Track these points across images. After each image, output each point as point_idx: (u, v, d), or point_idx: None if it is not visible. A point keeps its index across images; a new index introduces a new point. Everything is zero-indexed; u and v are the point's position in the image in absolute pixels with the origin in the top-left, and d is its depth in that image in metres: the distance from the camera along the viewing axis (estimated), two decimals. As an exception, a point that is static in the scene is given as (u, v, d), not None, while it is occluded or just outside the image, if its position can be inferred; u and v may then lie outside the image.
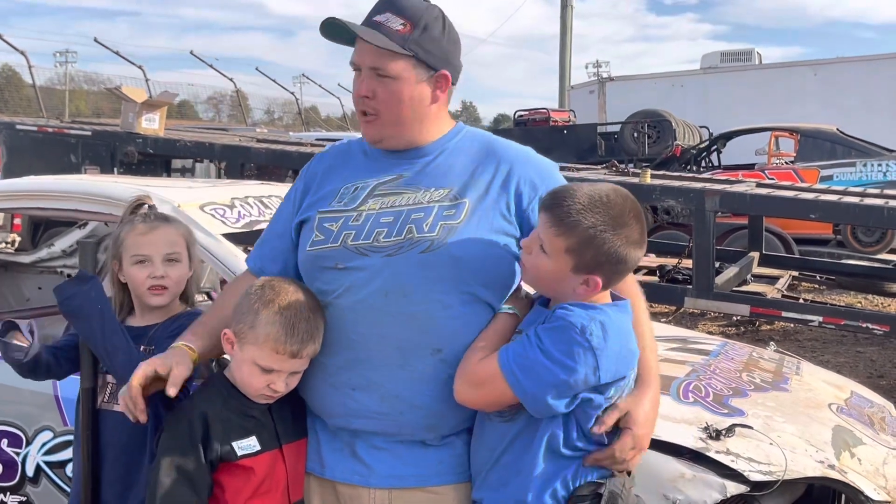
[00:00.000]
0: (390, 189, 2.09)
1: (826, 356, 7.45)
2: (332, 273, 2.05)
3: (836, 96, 18.96)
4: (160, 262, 2.39)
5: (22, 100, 27.56)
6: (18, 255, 5.61)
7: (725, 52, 24.61)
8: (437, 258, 1.99)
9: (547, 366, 1.86)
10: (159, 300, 2.40)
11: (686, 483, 2.29)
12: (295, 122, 30.09)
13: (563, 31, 26.47)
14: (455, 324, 2.00)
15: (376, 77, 2.03)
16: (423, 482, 2.06)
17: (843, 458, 2.54)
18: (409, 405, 2.01)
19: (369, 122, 2.08)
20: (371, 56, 2.02)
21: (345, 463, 2.08)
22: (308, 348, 2.00)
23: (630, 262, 1.94)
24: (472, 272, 2.01)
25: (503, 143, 2.19)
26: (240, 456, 2.01)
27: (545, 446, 1.93)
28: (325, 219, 2.09)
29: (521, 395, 1.89)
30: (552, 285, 1.97)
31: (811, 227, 11.06)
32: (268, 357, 1.99)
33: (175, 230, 2.46)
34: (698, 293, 6.86)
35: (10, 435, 2.99)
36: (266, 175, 9.60)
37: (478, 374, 1.95)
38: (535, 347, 1.88)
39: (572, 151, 14.43)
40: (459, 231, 2.01)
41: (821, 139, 13.28)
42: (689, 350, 3.32)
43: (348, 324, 2.02)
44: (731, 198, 7.05)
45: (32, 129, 10.47)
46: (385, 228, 2.03)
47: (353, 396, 2.02)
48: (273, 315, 1.98)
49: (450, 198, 2.05)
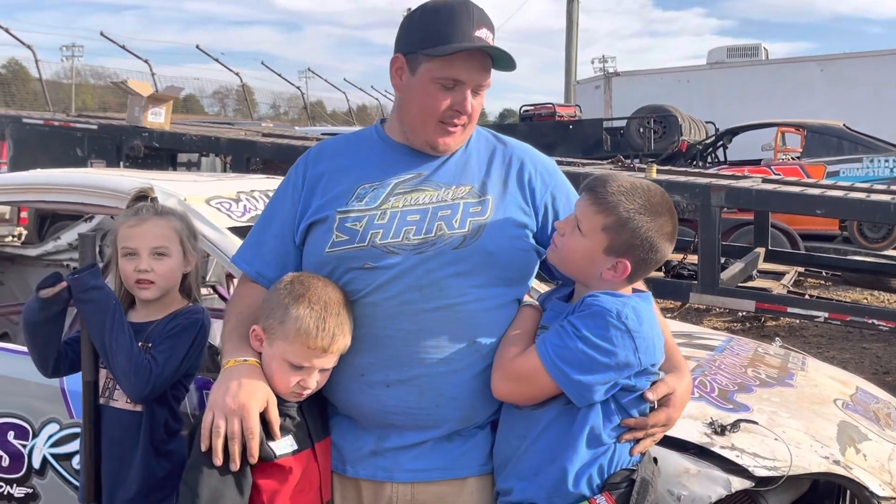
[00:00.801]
0: (411, 187, 2.10)
1: (831, 352, 7.44)
2: (358, 273, 2.05)
3: (843, 92, 18.92)
4: (147, 256, 2.36)
5: (28, 94, 27.61)
6: (25, 249, 5.63)
7: (732, 47, 24.58)
8: (469, 253, 2.04)
9: (588, 353, 1.91)
10: (146, 294, 2.38)
11: (691, 478, 2.28)
12: (301, 116, 30.09)
13: (570, 25, 26.43)
14: (489, 315, 2.06)
15: (475, 92, 2.07)
16: (444, 475, 2.07)
17: (848, 453, 2.53)
18: (447, 398, 2.03)
19: (456, 132, 2.10)
20: (482, 74, 2.06)
21: (368, 459, 2.09)
22: (338, 343, 1.99)
23: (660, 253, 2.01)
24: (503, 265, 2.08)
25: (507, 139, 2.26)
26: (278, 455, 1.98)
27: (586, 433, 1.96)
28: (346, 218, 2.07)
29: (565, 385, 1.93)
30: (581, 266, 2.01)
31: (817, 222, 11.06)
32: (298, 353, 1.97)
33: (166, 223, 2.42)
34: (703, 288, 6.85)
35: (17, 427, 2.99)
36: (271, 169, 9.58)
37: (516, 370, 1.99)
38: (573, 336, 1.93)
39: (578, 147, 14.44)
40: (488, 226, 2.07)
41: (827, 135, 13.26)
42: (695, 345, 3.32)
43: (380, 321, 2.03)
44: (736, 193, 7.04)
45: (39, 122, 10.51)
46: (413, 226, 2.05)
47: (388, 393, 2.03)
48: (303, 310, 1.97)
49: (473, 194, 2.10)
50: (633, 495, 1.97)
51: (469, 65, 2.03)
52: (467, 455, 2.09)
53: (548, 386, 1.96)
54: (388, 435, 2.07)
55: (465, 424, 2.07)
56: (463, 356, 2.03)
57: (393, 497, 2.07)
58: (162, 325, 2.37)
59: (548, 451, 1.98)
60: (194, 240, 2.50)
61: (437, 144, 2.10)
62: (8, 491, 3.01)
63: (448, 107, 2.05)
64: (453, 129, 2.08)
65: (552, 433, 1.99)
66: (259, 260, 2.19)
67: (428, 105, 2.06)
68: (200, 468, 1.92)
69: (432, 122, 2.07)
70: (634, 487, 1.98)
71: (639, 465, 2.02)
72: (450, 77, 2.03)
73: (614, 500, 1.96)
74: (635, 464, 2.02)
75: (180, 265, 2.43)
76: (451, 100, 2.04)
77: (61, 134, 10.26)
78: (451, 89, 2.04)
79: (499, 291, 2.08)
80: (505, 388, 2.02)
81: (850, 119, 14.30)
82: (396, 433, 2.06)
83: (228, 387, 1.96)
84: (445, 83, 2.03)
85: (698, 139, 15.15)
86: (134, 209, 2.48)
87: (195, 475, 1.92)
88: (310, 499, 2.04)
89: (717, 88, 20.89)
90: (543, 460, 1.98)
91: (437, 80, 2.04)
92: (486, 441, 2.11)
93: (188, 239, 2.46)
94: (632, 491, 1.97)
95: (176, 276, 2.42)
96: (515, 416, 2.05)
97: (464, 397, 2.04)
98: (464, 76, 2.03)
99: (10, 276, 5.46)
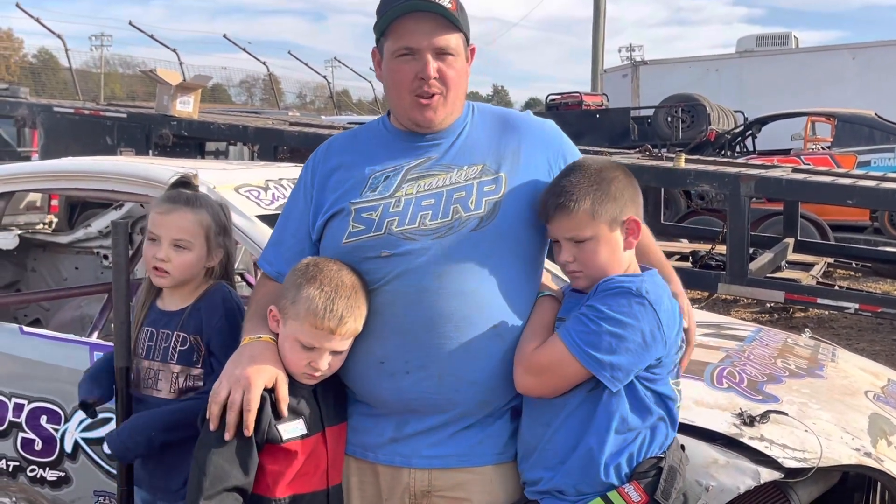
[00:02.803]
0: (422, 172, 2.10)
1: (861, 344, 7.35)
2: (376, 262, 2.05)
3: (874, 80, 18.65)
4: (167, 245, 2.35)
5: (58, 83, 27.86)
6: (56, 236, 5.70)
7: (762, 35, 24.33)
8: (487, 235, 2.04)
9: (614, 332, 1.92)
10: (160, 282, 2.38)
11: (719, 469, 2.27)
12: (327, 105, 30.14)
13: (597, 14, 26.21)
14: (510, 297, 2.06)
15: (437, 56, 2.03)
16: (463, 462, 2.07)
17: (879, 445, 2.50)
18: (467, 382, 2.03)
19: (433, 103, 2.07)
20: (434, 36, 2.02)
21: (387, 445, 2.10)
22: (347, 326, 2.00)
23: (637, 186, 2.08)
24: (521, 244, 2.09)
25: (509, 111, 2.27)
26: (286, 439, 2.00)
27: (612, 419, 1.96)
28: (362, 209, 2.08)
29: (596, 370, 1.93)
30: (608, 258, 2.03)
31: (847, 213, 10.93)
32: (307, 333, 2.00)
33: (193, 216, 2.39)
34: (732, 279, 6.81)
35: (49, 412, 3.04)
36: (299, 158, 9.62)
37: (540, 361, 1.99)
38: (596, 320, 1.93)
39: (605, 136, 14.34)
40: (503, 205, 2.06)
41: (858, 124, 13.09)
42: (723, 336, 3.29)
43: (399, 309, 2.03)
44: (766, 183, 6.98)
45: (69, 111, 10.61)
46: (429, 211, 2.05)
47: (408, 380, 2.03)
48: (314, 290, 1.99)
49: (486, 173, 2.09)
50: (661, 483, 1.97)
51: (417, 29, 2.02)
52: (485, 443, 2.09)
53: (573, 375, 1.96)
54: (408, 421, 2.07)
55: (485, 409, 2.07)
56: (482, 340, 2.03)
57: (410, 483, 2.08)
58: (194, 312, 2.37)
59: (573, 438, 1.98)
60: (224, 235, 2.47)
61: (419, 120, 2.10)
62: (41, 474, 3.06)
63: (413, 77, 2.04)
64: (426, 101, 2.06)
65: (577, 420, 1.98)
66: (280, 259, 2.21)
67: (396, 80, 2.07)
68: (209, 446, 1.96)
69: (407, 98, 2.07)
70: (662, 475, 1.97)
71: (666, 452, 2.01)
72: (401, 46, 2.03)
73: (643, 489, 1.96)
74: (663, 451, 2.01)
75: (201, 259, 2.40)
76: (414, 69, 2.03)
77: (91, 123, 10.35)
78: (413, 59, 2.03)
79: (516, 271, 2.08)
80: (529, 382, 2.01)
81: (882, 108, 14.10)
82: (416, 419, 2.07)
83: (240, 360, 2.02)
84: (402, 55, 2.04)
85: (727, 128, 15.01)
86: (170, 194, 2.47)
87: (204, 453, 1.96)
88: (313, 482, 2.06)
89: (747, 77, 20.67)
90: (569, 448, 1.98)
91: (395, 55, 2.05)
92: (504, 429, 2.10)
93: (215, 235, 2.42)
94: (659, 479, 1.97)
95: (193, 271, 2.40)
96: (539, 405, 2.04)
97: (483, 381, 2.04)
98: (413, 42, 2.02)
99: (42, 263, 5.53)
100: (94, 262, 5.52)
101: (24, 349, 3.15)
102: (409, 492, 2.08)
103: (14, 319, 4.83)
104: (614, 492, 1.96)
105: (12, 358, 3.14)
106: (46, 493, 3.05)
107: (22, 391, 3.08)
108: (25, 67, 40.57)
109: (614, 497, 1.96)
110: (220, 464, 1.94)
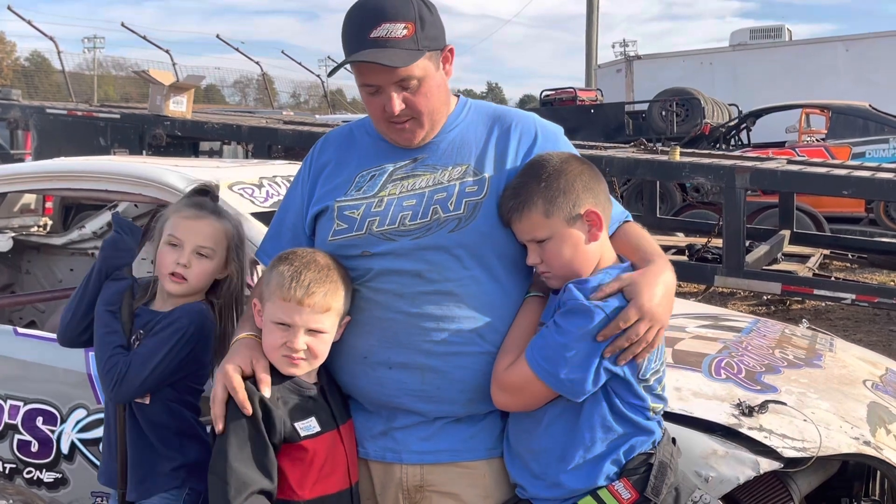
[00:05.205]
0: (408, 172, 2.10)
1: (858, 335, 7.36)
2: (359, 260, 2.07)
3: (868, 72, 18.69)
4: (189, 251, 2.32)
5: (51, 86, 27.80)
6: (50, 238, 5.67)
7: (755, 28, 24.34)
8: (465, 236, 2.03)
9: (571, 347, 1.88)
10: (175, 288, 2.33)
11: (719, 459, 2.27)
12: (321, 105, 30.10)
13: (590, 9, 26.20)
14: (489, 298, 2.05)
15: (402, 87, 1.99)
16: (455, 457, 2.07)
17: (878, 434, 2.50)
18: (450, 379, 2.02)
19: (407, 128, 2.05)
20: (393, 72, 1.96)
21: (378, 441, 2.10)
22: (315, 298, 1.97)
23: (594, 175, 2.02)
24: (502, 246, 2.06)
25: (507, 110, 2.22)
26: (303, 437, 1.98)
27: (594, 423, 1.95)
28: (344, 207, 2.09)
29: (555, 386, 1.91)
30: (572, 255, 1.99)
31: (843, 204, 10.94)
32: (278, 308, 1.98)
33: (220, 226, 2.38)
34: (728, 272, 6.81)
35: (45, 413, 3.02)
36: (293, 157, 9.61)
37: (511, 381, 1.97)
38: (555, 336, 1.91)
39: (600, 131, 14.36)
40: (484, 206, 2.04)
41: (852, 115, 13.09)
42: (721, 327, 3.29)
43: (381, 305, 2.04)
44: (761, 175, 6.98)
45: (62, 112, 10.59)
46: (410, 212, 2.05)
47: (390, 375, 2.03)
48: (284, 266, 2.01)
49: (469, 174, 2.08)
50: (651, 479, 1.95)
51: (371, 68, 1.96)
52: (476, 438, 2.08)
53: (542, 393, 1.95)
54: (396, 416, 2.07)
55: (471, 407, 2.06)
56: (464, 339, 2.02)
57: (403, 479, 2.08)
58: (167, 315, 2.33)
59: (559, 448, 1.97)
60: (240, 249, 2.45)
61: (399, 142, 2.10)
62: (37, 476, 3.05)
63: (382, 109, 2.02)
64: (400, 127, 2.05)
65: (559, 429, 1.97)
66: (277, 252, 2.19)
67: (369, 110, 2.07)
68: (225, 455, 1.92)
69: (383, 125, 2.07)
70: (652, 471, 1.96)
71: (657, 448, 1.99)
72: (363, 84, 2.01)
73: (632, 486, 1.95)
74: (654, 447, 1.99)
75: (218, 269, 2.39)
76: (381, 102, 2.01)
77: (84, 123, 10.33)
78: (378, 93, 2.00)
79: (499, 272, 2.07)
80: (503, 399, 2.01)
81: (876, 99, 14.11)
82: (403, 414, 2.07)
83: (223, 360, 2.03)
84: (368, 90, 2.02)
85: (722, 122, 15.02)
86: (194, 201, 2.44)
87: (221, 462, 1.92)
88: (337, 481, 2.04)
89: (741, 70, 20.69)
90: (555, 455, 1.97)
91: (361, 89, 2.04)
92: (495, 424, 2.10)
93: (235, 247, 2.41)
94: (650, 475, 1.96)
95: (208, 281, 2.38)
96: (520, 414, 2.04)
97: (468, 379, 2.03)
98: (373, 80, 1.99)
99: (36, 265, 5.51)
100: (89, 263, 5.48)
101: (20, 351, 3.14)
102: (402, 487, 2.08)
103: (9, 321, 4.81)
104: (604, 489, 1.95)
105: (7, 360, 3.13)
106: (44, 494, 3.04)
107: (17, 393, 3.06)
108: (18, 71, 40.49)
109: (604, 495, 1.95)
110: (240, 469, 1.91)
